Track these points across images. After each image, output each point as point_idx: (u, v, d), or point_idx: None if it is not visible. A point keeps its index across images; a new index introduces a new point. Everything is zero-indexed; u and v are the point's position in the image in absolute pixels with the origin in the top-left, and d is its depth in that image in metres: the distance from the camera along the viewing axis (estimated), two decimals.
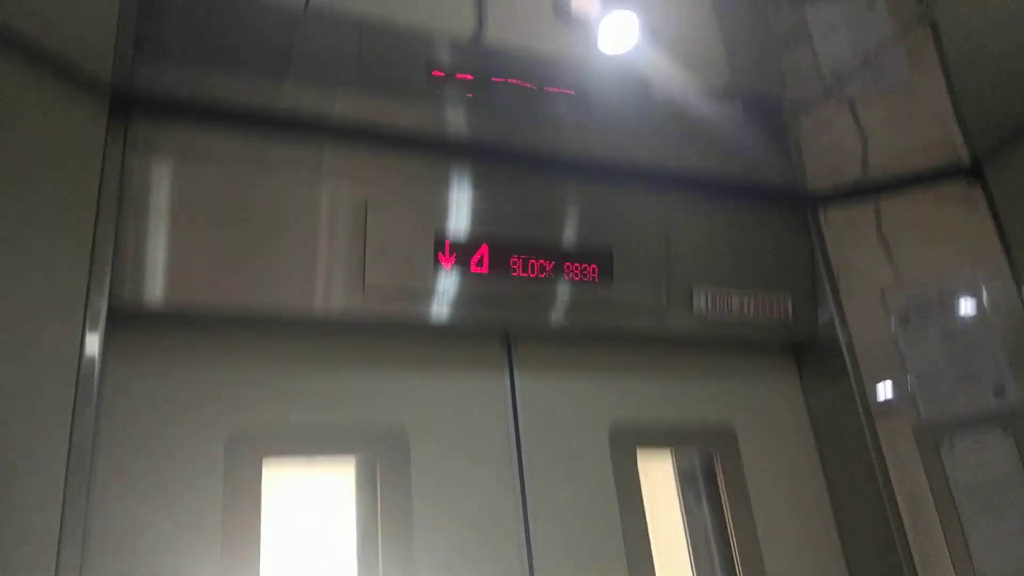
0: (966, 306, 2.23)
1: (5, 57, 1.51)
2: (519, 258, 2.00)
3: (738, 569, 2.11)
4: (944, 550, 2.04)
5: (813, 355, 2.40)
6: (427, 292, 1.90)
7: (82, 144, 1.63)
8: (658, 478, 2.20)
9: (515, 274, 1.99)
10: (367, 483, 1.85)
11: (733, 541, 2.14)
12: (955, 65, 1.89)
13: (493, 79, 1.86)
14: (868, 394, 2.22)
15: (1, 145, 1.49)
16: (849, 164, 2.31)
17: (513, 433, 2.01)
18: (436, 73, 1.84)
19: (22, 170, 1.51)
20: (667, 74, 1.90)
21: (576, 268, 2.06)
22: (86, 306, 1.55)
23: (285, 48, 1.72)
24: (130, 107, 1.72)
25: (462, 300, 1.93)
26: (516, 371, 2.09)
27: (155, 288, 1.65)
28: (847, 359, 2.25)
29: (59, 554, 1.38)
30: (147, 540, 1.58)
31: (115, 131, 1.68)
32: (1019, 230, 2.22)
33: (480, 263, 1.96)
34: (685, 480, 2.25)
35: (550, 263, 2.03)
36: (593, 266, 2.08)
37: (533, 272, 2.01)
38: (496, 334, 2.09)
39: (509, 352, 2.11)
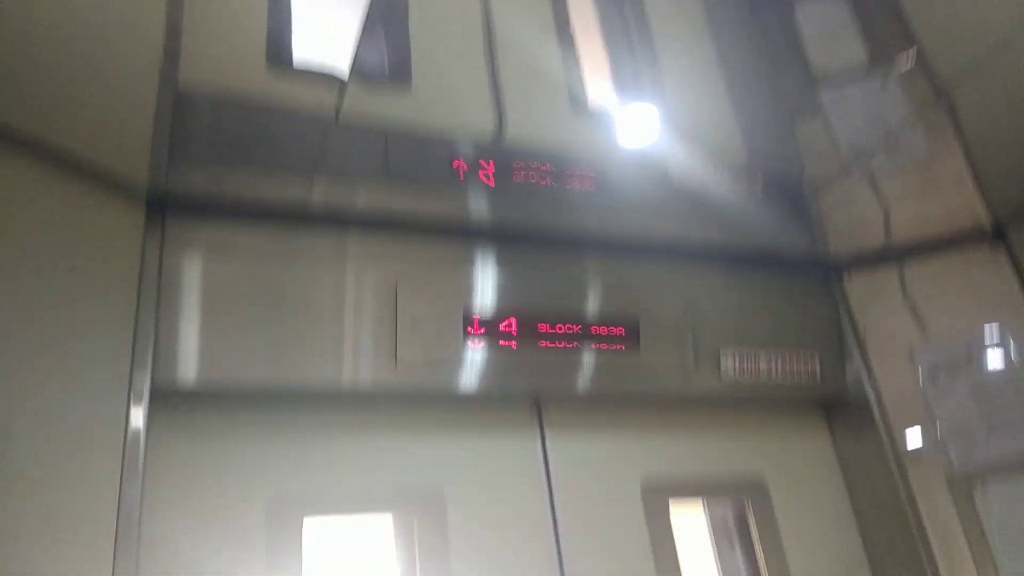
0: (993, 360, 2.24)
1: (52, 168, 1.63)
2: (547, 329, 2.08)
3: None
4: None
5: (843, 411, 2.43)
6: (458, 364, 1.98)
7: (122, 241, 1.74)
8: (691, 527, 2.27)
9: (543, 344, 2.06)
10: (405, 541, 1.94)
11: None
12: (974, 139, 1.89)
13: (514, 169, 1.90)
14: (899, 446, 2.25)
15: (50, 246, 1.61)
16: (871, 233, 2.34)
17: (547, 491, 2.09)
18: (459, 165, 1.89)
19: (70, 267, 1.63)
20: (686, 158, 1.92)
21: (603, 336, 2.13)
22: (130, 386, 1.65)
23: (315, 151, 1.79)
24: (165, 207, 1.82)
25: (492, 370, 2.01)
26: (547, 433, 2.16)
27: (194, 369, 1.75)
28: (877, 414, 2.28)
29: None
30: None
31: (152, 228, 1.79)
32: None
33: (508, 335, 2.04)
34: (718, 529, 2.32)
35: (577, 333, 2.10)
36: (620, 333, 2.14)
37: (561, 342, 2.08)
38: (527, 400, 2.17)
39: (540, 416, 2.18)
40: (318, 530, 1.88)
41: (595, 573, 2.03)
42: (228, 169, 1.82)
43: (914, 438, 2.24)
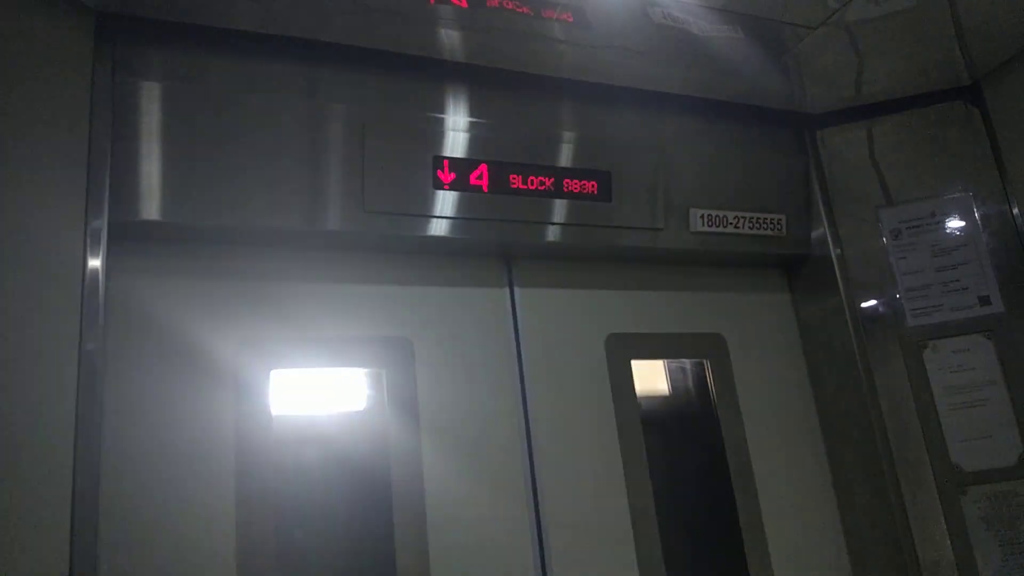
0: (957, 222, 2.28)
1: None
2: (518, 181, 2.03)
3: (725, 462, 2.23)
4: (922, 446, 2.16)
5: (805, 270, 2.47)
6: (427, 212, 1.93)
7: (70, 67, 1.60)
8: (652, 384, 2.31)
9: (514, 194, 2.01)
10: (374, 394, 1.93)
11: (721, 436, 2.25)
12: None
13: (489, 2, 1.82)
14: (857, 306, 2.30)
15: None
16: (848, 85, 2.31)
17: (514, 345, 2.10)
18: None
19: (11, 96, 1.50)
20: None
21: (575, 188, 2.09)
22: (86, 224, 1.56)
23: None
24: (116, 29, 1.69)
25: (462, 219, 1.97)
26: (516, 287, 2.15)
27: (155, 207, 1.67)
28: (838, 273, 2.32)
29: (75, 462, 1.44)
30: (159, 446, 1.66)
31: (102, 53, 1.66)
32: (1014, 150, 2.25)
33: (479, 183, 1.98)
34: (677, 383, 2.37)
35: (549, 183, 2.06)
36: (592, 185, 2.11)
37: (532, 192, 2.04)
38: (497, 251, 2.14)
39: (509, 268, 2.17)
40: (286, 382, 1.85)
41: (558, 419, 2.07)
42: None
43: (872, 298, 2.29)
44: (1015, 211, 2.23)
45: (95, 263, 1.56)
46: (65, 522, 1.42)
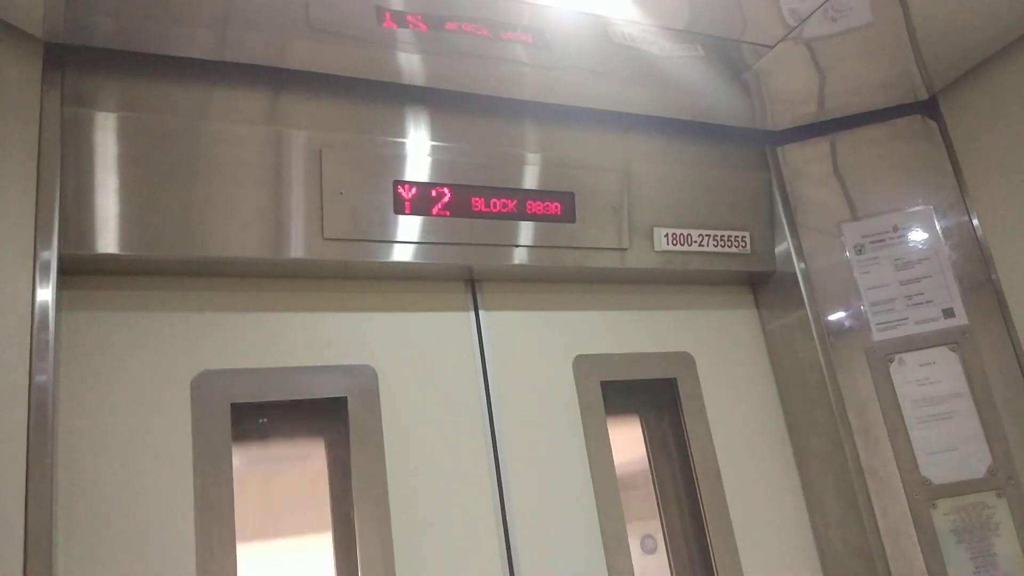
0: (919, 235, 2.30)
1: None
2: (480, 200, 2.01)
3: (696, 480, 2.23)
4: (892, 459, 2.16)
5: (770, 286, 2.48)
6: (389, 237, 1.91)
7: (16, 98, 1.57)
8: (621, 403, 2.30)
9: (477, 217, 2.00)
10: (338, 422, 1.90)
11: (691, 454, 2.25)
12: (916, 5, 1.87)
13: (447, 25, 1.81)
14: (823, 321, 2.30)
15: None
16: (808, 101, 2.33)
17: (480, 369, 2.08)
18: (387, 22, 1.78)
19: None
20: (626, 15, 1.84)
21: (539, 210, 2.08)
22: (35, 259, 1.53)
23: None
24: (66, 59, 1.66)
25: (425, 243, 1.95)
26: (481, 310, 2.14)
27: (108, 239, 1.64)
28: (803, 289, 2.32)
29: (27, 504, 1.40)
30: (116, 482, 1.62)
31: (51, 84, 1.63)
32: (972, 162, 2.28)
33: (441, 207, 1.96)
34: (647, 401, 2.36)
35: (512, 205, 2.05)
36: (556, 207, 2.10)
37: (495, 215, 2.03)
38: (460, 275, 2.12)
39: (474, 292, 2.15)
40: (246, 414, 1.82)
41: (526, 442, 2.05)
42: (133, 16, 1.61)
43: (838, 312, 2.30)
44: (975, 222, 2.25)
45: (45, 296, 1.52)
46: (18, 559, 1.37)
